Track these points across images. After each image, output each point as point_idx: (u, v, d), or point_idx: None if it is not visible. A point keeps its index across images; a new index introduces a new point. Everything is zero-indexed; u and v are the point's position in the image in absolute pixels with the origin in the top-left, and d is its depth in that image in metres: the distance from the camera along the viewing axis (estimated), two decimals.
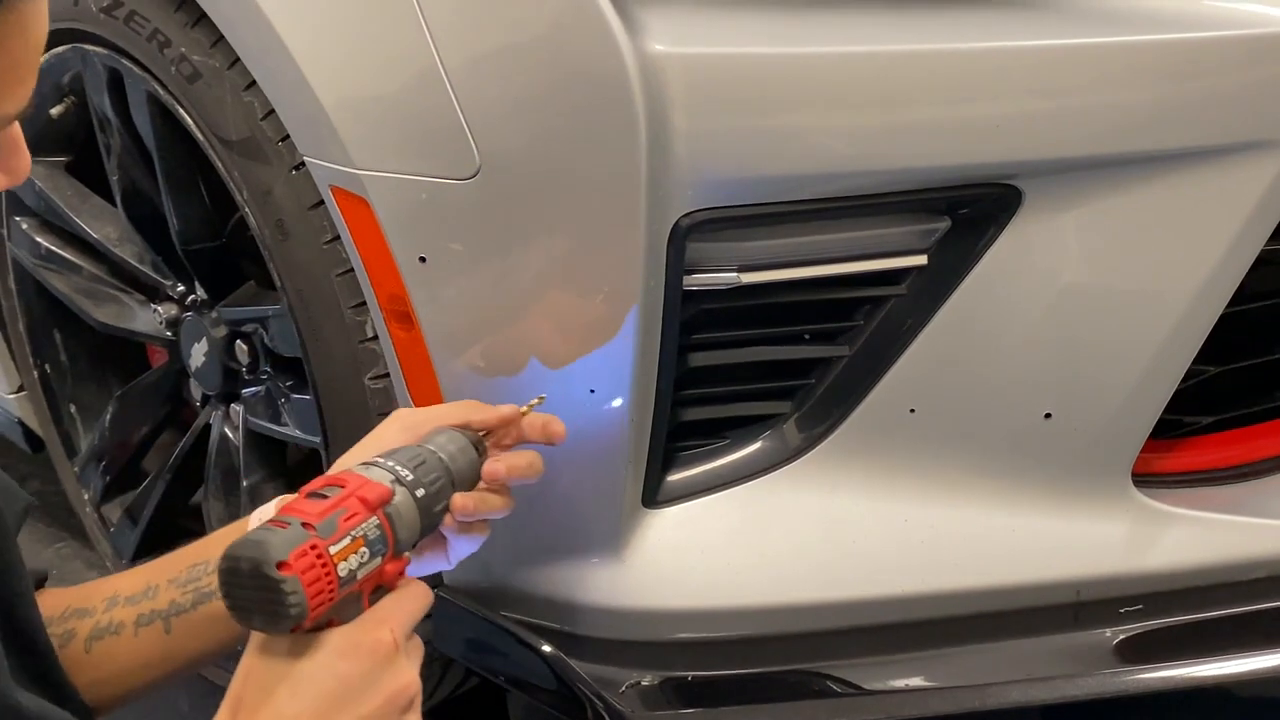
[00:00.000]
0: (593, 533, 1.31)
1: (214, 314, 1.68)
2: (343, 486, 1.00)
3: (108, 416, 1.92)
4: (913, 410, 1.29)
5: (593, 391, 1.25)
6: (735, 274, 1.23)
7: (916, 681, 1.35)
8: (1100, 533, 1.33)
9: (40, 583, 1.15)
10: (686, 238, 1.19)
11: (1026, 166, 1.20)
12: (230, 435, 1.71)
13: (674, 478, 1.32)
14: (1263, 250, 1.26)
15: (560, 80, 1.19)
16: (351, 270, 1.34)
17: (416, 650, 1.02)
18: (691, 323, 1.25)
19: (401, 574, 1.03)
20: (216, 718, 0.95)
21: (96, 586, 1.19)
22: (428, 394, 1.31)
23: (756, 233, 1.23)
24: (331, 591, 0.95)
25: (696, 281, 1.23)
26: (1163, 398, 1.30)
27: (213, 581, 1.10)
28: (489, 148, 1.20)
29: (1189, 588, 1.34)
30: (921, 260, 1.25)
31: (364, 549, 0.98)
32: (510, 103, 1.20)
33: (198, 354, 1.70)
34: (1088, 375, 1.28)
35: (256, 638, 0.97)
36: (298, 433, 1.58)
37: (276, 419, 1.63)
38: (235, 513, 1.71)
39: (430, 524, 1.07)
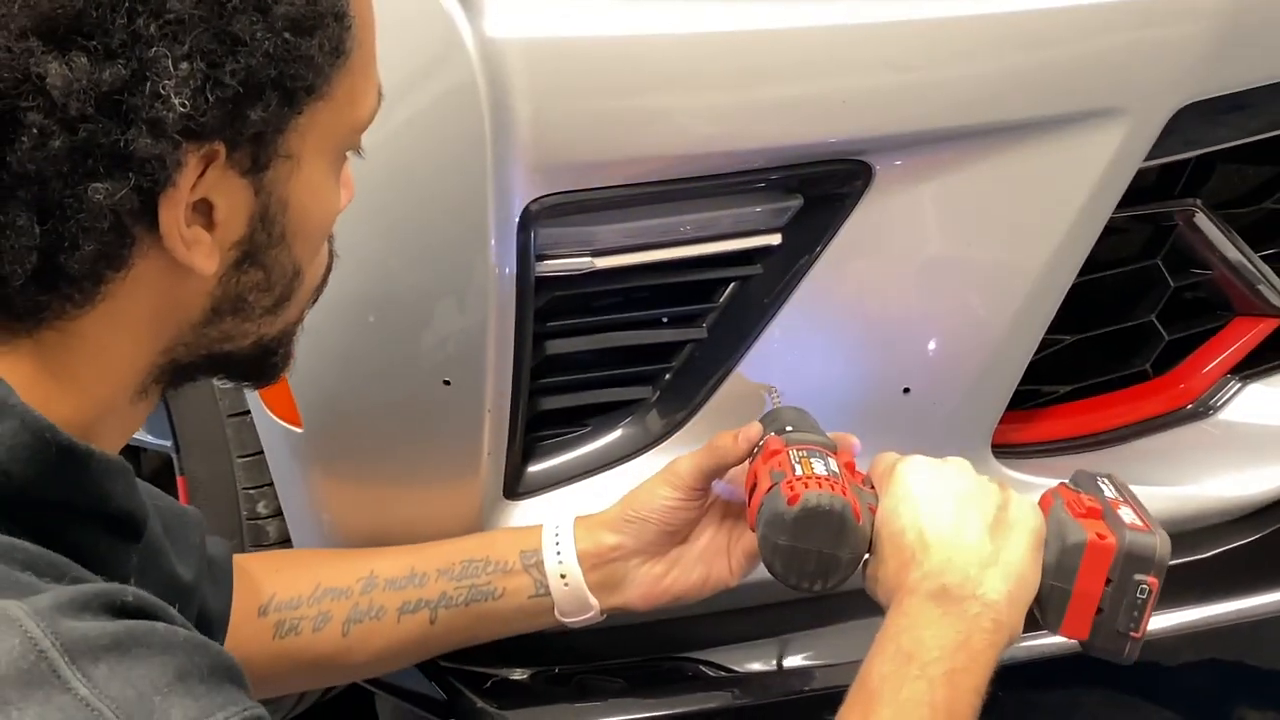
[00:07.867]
0: (453, 526, 1.28)
1: None
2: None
3: None
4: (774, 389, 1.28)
5: (448, 383, 1.22)
6: (589, 258, 1.22)
7: (793, 661, 1.35)
8: None
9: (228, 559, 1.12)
10: (537, 223, 1.17)
11: (875, 142, 1.20)
12: None
13: (535, 468, 1.31)
14: (1111, 218, 1.27)
15: (401, 67, 1.16)
16: None
17: None
18: (547, 309, 1.24)
19: None
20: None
21: (345, 560, 1.18)
22: (278, 391, 1.28)
23: (609, 216, 1.22)
24: None
25: (549, 267, 1.21)
26: (1018, 369, 1.31)
27: (491, 581, 1.15)
28: None
29: None
30: (775, 239, 1.24)
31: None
32: None
33: None
34: (943, 348, 1.28)
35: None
36: (149, 437, 1.54)
37: None
38: None
39: None
